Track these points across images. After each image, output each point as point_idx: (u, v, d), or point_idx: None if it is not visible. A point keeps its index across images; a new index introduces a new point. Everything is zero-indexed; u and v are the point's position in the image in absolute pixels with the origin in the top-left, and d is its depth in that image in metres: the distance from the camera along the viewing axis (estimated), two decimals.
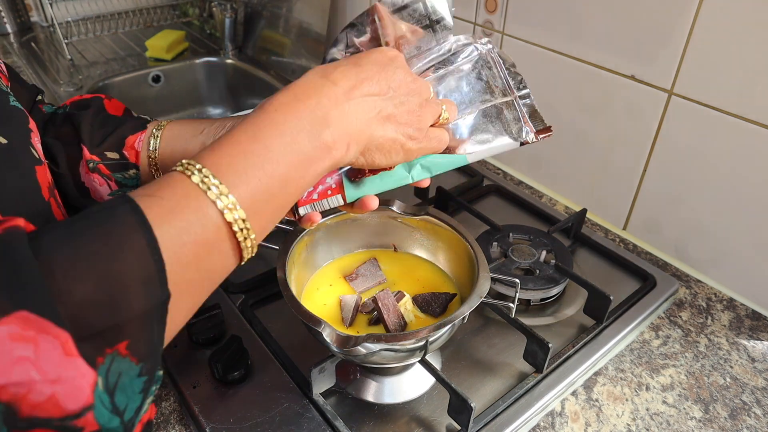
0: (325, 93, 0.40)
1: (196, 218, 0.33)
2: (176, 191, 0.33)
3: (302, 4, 1.29)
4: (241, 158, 0.36)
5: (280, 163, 0.37)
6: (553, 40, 0.85)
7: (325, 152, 0.39)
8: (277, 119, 0.38)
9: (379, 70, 0.44)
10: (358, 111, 0.41)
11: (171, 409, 0.58)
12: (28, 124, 0.46)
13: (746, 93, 0.66)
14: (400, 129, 0.44)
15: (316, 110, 0.39)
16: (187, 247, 0.32)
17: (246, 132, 0.37)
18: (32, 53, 1.38)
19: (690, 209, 0.76)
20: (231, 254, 0.36)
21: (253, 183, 0.35)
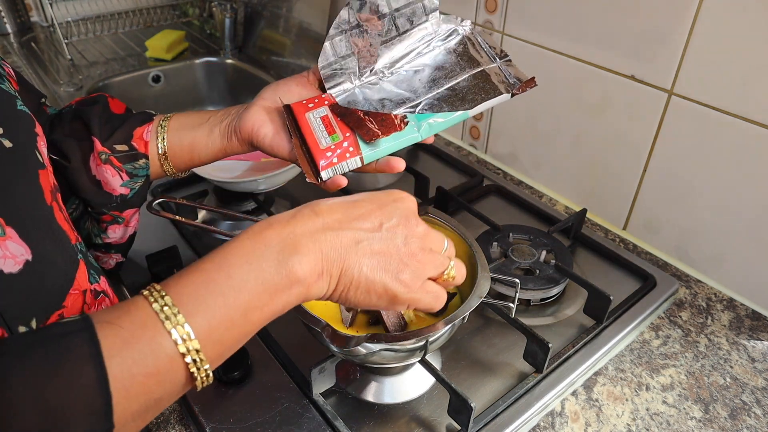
0: (302, 221, 0.39)
1: (149, 350, 0.33)
2: (135, 320, 0.33)
3: (302, 4, 1.29)
4: (203, 288, 0.35)
5: (242, 292, 0.36)
6: (553, 40, 0.85)
7: (291, 282, 0.37)
8: (246, 246, 0.37)
9: (374, 209, 0.42)
10: (335, 241, 0.39)
11: (171, 409, 0.58)
12: (35, 128, 0.46)
13: (746, 93, 0.66)
14: (389, 270, 0.40)
15: (288, 238, 0.38)
16: (137, 379, 0.32)
17: (213, 260, 0.37)
18: (32, 53, 1.38)
19: (690, 209, 0.76)
20: (182, 383, 0.35)
21: (212, 312, 0.35)
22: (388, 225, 0.41)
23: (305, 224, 0.39)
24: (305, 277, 0.38)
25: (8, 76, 0.50)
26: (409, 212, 0.43)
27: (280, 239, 0.38)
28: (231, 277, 0.36)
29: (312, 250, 0.38)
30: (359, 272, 0.40)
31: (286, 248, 0.37)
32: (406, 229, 0.42)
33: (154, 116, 0.60)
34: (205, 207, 0.63)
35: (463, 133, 1.09)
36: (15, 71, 0.54)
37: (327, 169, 0.50)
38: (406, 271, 0.41)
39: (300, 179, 0.86)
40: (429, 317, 0.58)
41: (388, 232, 0.41)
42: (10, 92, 0.46)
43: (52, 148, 0.56)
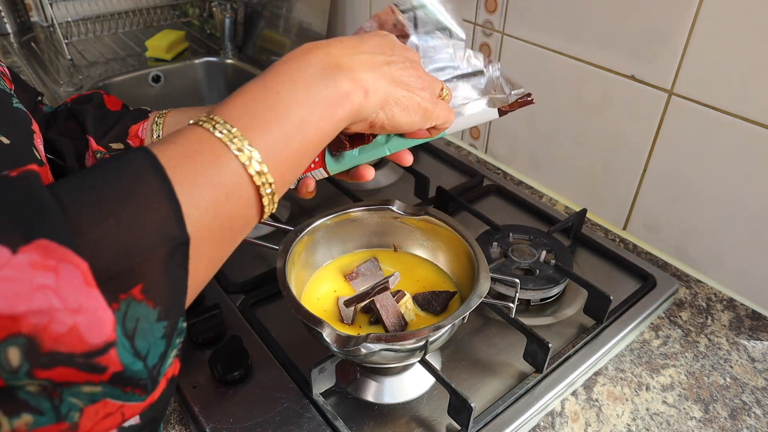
0: (333, 45, 0.40)
1: (210, 161, 0.32)
2: (189, 137, 0.33)
3: (302, 4, 1.29)
4: (253, 105, 0.35)
5: (294, 106, 0.36)
6: (553, 40, 0.85)
7: (341, 95, 0.38)
8: (287, 68, 0.38)
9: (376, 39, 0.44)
10: (369, 61, 0.41)
11: (171, 409, 0.58)
12: (31, 125, 0.46)
13: (746, 93, 0.66)
14: (413, 87, 0.43)
15: (326, 58, 0.39)
16: (204, 189, 0.32)
17: (256, 83, 0.37)
18: (32, 53, 1.38)
19: (690, 209, 0.76)
20: (251, 201, 0.35)
21: (268, 126, 0.35)
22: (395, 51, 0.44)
23: (337, 47, 0.40)
24: (354, 91, 0.39)
25: (3, 75, 0.51)
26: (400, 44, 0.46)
27: (319, 59, 0.38)
28: (279, 94, 0.36)
29: (354, 68, 0.39)
30: (398, 91, 0.42)
31: (329, 66, 0.38)
32: (408, 54, 0.44)
33: (150, 113, 0.60)
34: None
35: (463, 133, 1.09)
36: (10, 70, 0.54)
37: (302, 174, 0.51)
38: (426, 89, 0.44)
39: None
40: (430, 315, 0.58)
41: (399, 57, 0.43)
42: (5, 90, 0.46)
43: (47, 146, 0.56)
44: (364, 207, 0.62)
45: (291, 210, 0.88)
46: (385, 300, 0.56)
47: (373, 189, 0.95)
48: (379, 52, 0.42)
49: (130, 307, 0.28)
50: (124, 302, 0.28)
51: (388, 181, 0.97)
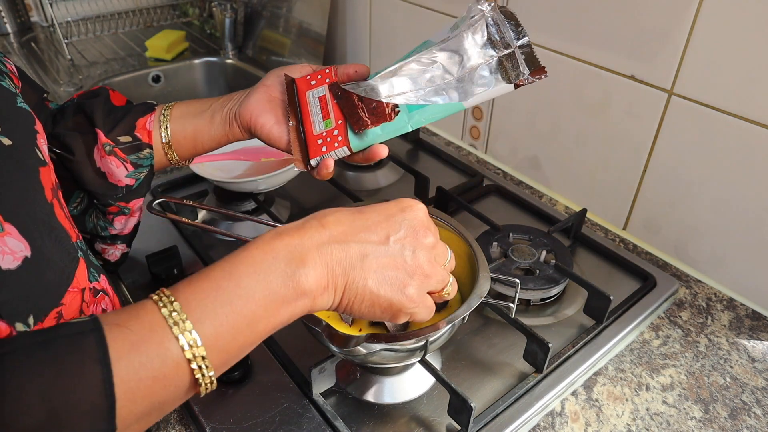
0: (309, 234, 0.39)
1: (156, 354, 0.33)
2: (144, 323, 0.34)
3: (302, 4, 1.29)
4: (212, 294, 0.36)
5: (249, 301, 0.36)
6: (553, 40, 0.85)
7: (298, 294, 0.38)
8: (255, 256, 0.38)
9: (381, 221, 0.41)
10: (341, 254, 0.39)
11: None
12: (35, 125, 0.46)
13: (746, 93, 0.66)
14: (395, 284, 0.41)
15: (296, 250, 0.38)
16: (143, 382, 0.33)
17: (223, 268, 0.37)
18: (32, 53, 1.38)
19: (690, 209, 0.76)
20: (186, 388, 0.35)
21: (219, 320, 0.35)
22: (396, 237, 0.41)
23: (312, 236, 0.39)
24: (311, 290, 0.38)
25: (10, 73, 0.51)
26: (418, 223, 0.43)
27: (287, 251, 0.38)
28: (239, 287, 0.36)
29: (319, 263, 0.38)
30: (364, 286, 0.40)
31: (293, 260, 0.38)
32: (414, 241, 0.42)
33: (156, 106, 0.61)
34: (205, 207, 0.63)
35: (463, 133, 1.09)
36: (18, 68, 0.54)
37: (316, 157, 0.52)
38: (411, 286, 0.41)
39: (300, 179, 0.86)
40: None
41: (396, 245, 0.41)
42: (11, 90, 0.46)
43: (55, 142, 0.56)
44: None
45: (291, 210, 0.88)
46: None
47: (373, 189, 0.95)
48: (363, 240, 0.40)
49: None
50: None
51: (388, 181, 0.97)
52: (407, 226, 0.42)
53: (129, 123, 0.58)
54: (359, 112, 0.51)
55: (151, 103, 0.61)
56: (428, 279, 0.43)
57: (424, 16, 1.05)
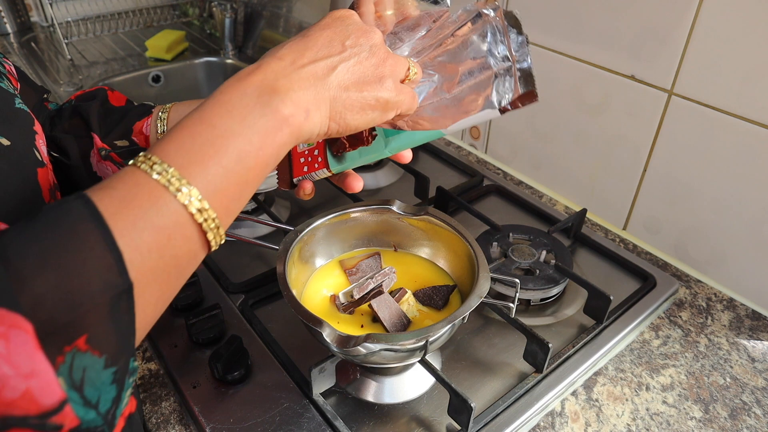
0: (271, 68, 0.38)
1: (149, 204, 0.32)
2: (127, 181, 0.33)
3: (302, 4, 1.29)
4: (188, 141, 0.35)
5: (230, 138, 0.35)
6: (553, 40, 0.85)
7: (279, 121, 0.37)
8: (222, 99, 0.37)
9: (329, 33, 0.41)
10: (310, 75, 0.39)
11: (171, 409, 0.58)
12: (33, 126, 0.46)
13: (746, 93, 0.66)
14: (371, 81, 0.41)
15: (262, 84, 0.37)
16: (145, 233, 0.32)
17: (192, 117, 0.36)
18: (32, 53, 1.38)
19: (690, 209, 0.76)
20: (195, 238, 0.34)
21: (205, 162, 0.34)
22: (349, 42, 0.41)
23: (274, 69, 0.38)
24: (292, 115, 0.37)
25: (9, 73, 0.50)
26: (358, 23, 0.43)
27: (254, 87, 0.37)
28: (215, 127, 0.35)
29: (290, 89, 0.38)
30: (347, 95, 0.40)
31: (264, 92, 0.37)
32: (367, 39, 0.42)
33: (153, 108, 0.60)
34: None
35: (463, 133, 1.09)
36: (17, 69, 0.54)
37: (298, 176, 0.52)
38: (385, 77, 0.42)
39: None
40: (432, 311, 0.58)
41: (353, 48, 0.41)
42: (9, 90, 0.46)
43: (52, 144, 0.56)
44: (364, 207, 0.62)
45: (291, 210, 0.88)
46: (382, 302, 0.56)
47: (373, 189, 0.95)
48: (325, 55, 0.40)
49: (75, 358, 0.28)
50: (69, 354, 0.28)
51: (388, 181, 0.97)
52: (353, 29, 0.42)
53: (125, 127, 0.57)
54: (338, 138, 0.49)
55: (148, 105, 0.60)
56: (394, 67, 0.43)
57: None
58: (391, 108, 0.43)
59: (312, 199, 0.54)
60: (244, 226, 0.82)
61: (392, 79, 0.42)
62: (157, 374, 0.62)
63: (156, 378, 0.61)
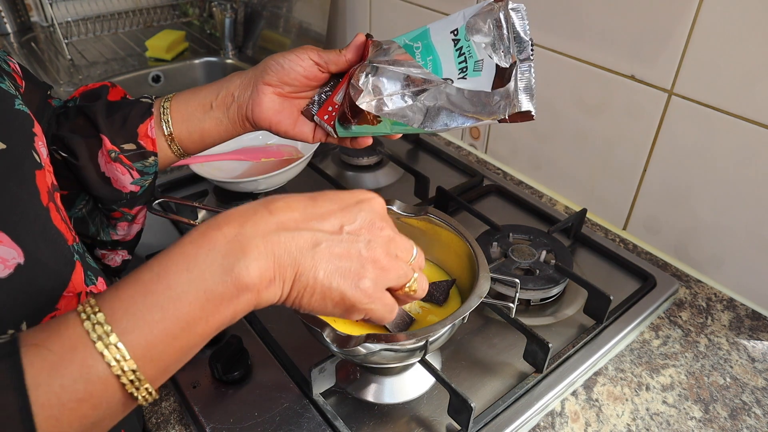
0: (253, 221, 0.35)
1: (80, 374, 0.30)
2: (65, 341, 0.31)
3: (302, 4, 1.29)
4: (140, 300, 0.32)
5: (183, 303, 0.33)
6: (553, 40, 0.85)
7: (238, 289, 0.34)
8: (188, 252, 0.34)
9: (336, 210, 0.38)
10: (289, 242, 0.35)
11: (171, 409, 0.58)
12: (33, 127, 0.46)
13: (746, 93, 0.66)
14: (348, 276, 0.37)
15: (235, 240, 0.34)
16: (67, 407, 0.30)
17: (152, 269, 0.33)
18: (32, 53, 1.38)
19: (690, 209, 0.76)
20: (121, 403, 0.32)
21: (149, 327, 0.32)
22: (350, 228, 0.38)
23: (257, 224, 0.35)
24: (254, 284, 0.35)
25: (13, 72, 0.50)
26: (375, 214, 0.40)
27: (226, 241, 0.34)
28: (170, 288, 0.33)
29: (263, 252, 0.35)
30: (315, 278, 0.37)
31: (232, 252, 0.34)
32: (370, 233, 0.39)
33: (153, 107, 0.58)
34: (205, 207, 0.63)
35: (463, 133, 1.09)
36: (21, 67, 0.53)
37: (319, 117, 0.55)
38: (366, 279, 0.38)
39: (299, 179, 0.86)
40: (434, 306, 0.58)
41: (350, 236, 0.38)
42: (9, 92, 0.46)
43: (59, 143, 0.55)
44: None
45: None
46: None
47: (374, 189, 0.94)
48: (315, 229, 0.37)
49: None
50: None
51: (388, 181, 0.97)
52: (363, 217, 0.39)
53: (131, 131, 0.57)
54: (345, 111, 0.52)
55: (146, 102, 0.58)
56: (385, 272, 0.39)
57: (424, 16, 1.05)
58: (356, 312, 0.39)
59: None
60: None
61: (373, 284, 0.38)
62: None
63: None
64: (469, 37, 0.48)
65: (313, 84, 0.55)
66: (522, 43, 0.48)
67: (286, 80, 0.54)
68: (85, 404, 0.31)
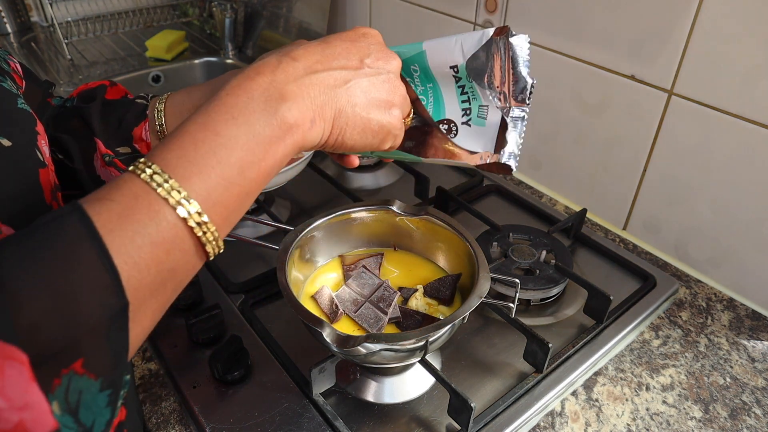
0: (282, 69, 0.37)
1: (148, 219, 0.31)
2: (125, 192, 0.32)
3: (302, 4, 1.29)
4: (191, 149, 0.33)
5: (234, 148, 0.34)
6: (553, 40, 0.85)
7: (284, 131, 0.36)
8: (228, 102, 0.35)
9: (350, 46, 0.40)
10: (322, 83, 0.38)
11: (171, 409, 0.58)
12: (35, 126, 0.46)
13: (746, 93, 0.66)
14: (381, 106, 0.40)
15: (271, 87, 0.36)
16: (143, 250, 0.31)
17: (196, 121, 0.35)
18: (32, 53, 1.38)
19: (690, 209, 0.76)
20: (193, 251, 0.33)
21: (207, 172, 0.33)
22: (369, 60, 0.40)
23: (285, 71, 0.37)
24: (298, 124, 0.36)
25: (13, 71, 0.50)
26: (381, 44, 0.42)
27: (262, 90, 0.36)
28: (219, 135, 0.34)
29: (299, 95, 0.37)
30: (353, 112, 0.39)
31: (271, 98, 0.36)
32: (386, 64, 0.41)
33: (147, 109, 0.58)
34: None
35: None
36: (23, 66, 0.53)
37: None
38: (394, 107, 0.41)
39: (300, 179, 0.86)
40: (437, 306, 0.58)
41: (371, 69, 0.40)
42: (12, 91, 0.46)
43: (57, 145, 0.55)
44: (364, 207, 0.62)
45: (291, 210, 0.88)
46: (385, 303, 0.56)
47: (373, 189, 0.95)
48: (341, 66, 0.39)
49: (71, 381, 0.28)
50: (66, 377, 0.27)
51: (388, 181, 0.97)
52: (375, 49, 0.41)
53: (125, 134, 0.56)
54: None
55: (141, 103, 0.58)
56: (405, 100, 0.43)
57: (424, 16, 1.05)
58: (390, 139, 0.43)
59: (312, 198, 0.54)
60: (244, 226, 0.82)
61: (399, 111, 0.42)
62: (157, 374, 0.62)
63: (156, 378, 0.61)
64: (471, 78, 0.44)
65: None
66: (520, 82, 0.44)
67: None
68: (159, 248, 0.31)
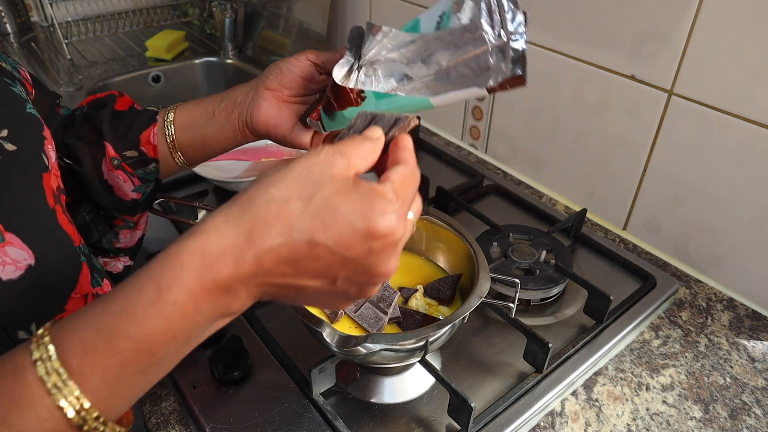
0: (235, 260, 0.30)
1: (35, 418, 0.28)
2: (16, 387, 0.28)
3: (302, 4, 1.29)
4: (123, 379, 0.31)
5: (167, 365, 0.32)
6: (553, 40, 0.85)
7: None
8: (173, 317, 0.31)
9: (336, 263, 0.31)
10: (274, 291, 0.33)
11: (171, 409, 0.58)
12: (42, 131, 0.46)
13: (746, 93, 0.66)
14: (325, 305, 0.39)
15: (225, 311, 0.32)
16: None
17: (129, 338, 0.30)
18: (32, 53, 1.38)
19: (690, 209, 0.76)
20: None
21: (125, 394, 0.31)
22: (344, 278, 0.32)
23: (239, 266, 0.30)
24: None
25: (24, 80, 0.50)
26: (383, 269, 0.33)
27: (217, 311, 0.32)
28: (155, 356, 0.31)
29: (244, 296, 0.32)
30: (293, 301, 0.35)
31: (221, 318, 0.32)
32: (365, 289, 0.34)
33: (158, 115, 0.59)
34: (205, 207, 0.63)
35: (463, 133, 1.09)
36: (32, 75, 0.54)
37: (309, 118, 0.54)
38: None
39: None
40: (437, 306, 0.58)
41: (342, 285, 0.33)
42: (22, 96, 0.46)
43: (64, 151, 0.55)
44: None
45: None
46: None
47: None
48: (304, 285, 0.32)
49: None
50: None
51: None
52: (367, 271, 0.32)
53: (134, 138, 0.57)
54: (329, 95, 0.51)
55: (152, 111, 0.59)
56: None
57: None
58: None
59: None
60: None
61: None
62: None
63: None
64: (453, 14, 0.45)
65: (312, 86, 0.55)
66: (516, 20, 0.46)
67: (284, 83, 0.55)
68: None
